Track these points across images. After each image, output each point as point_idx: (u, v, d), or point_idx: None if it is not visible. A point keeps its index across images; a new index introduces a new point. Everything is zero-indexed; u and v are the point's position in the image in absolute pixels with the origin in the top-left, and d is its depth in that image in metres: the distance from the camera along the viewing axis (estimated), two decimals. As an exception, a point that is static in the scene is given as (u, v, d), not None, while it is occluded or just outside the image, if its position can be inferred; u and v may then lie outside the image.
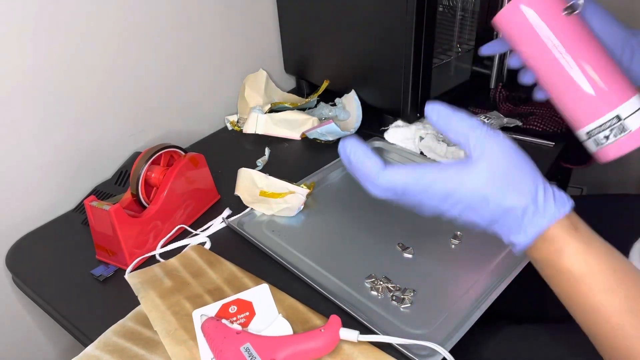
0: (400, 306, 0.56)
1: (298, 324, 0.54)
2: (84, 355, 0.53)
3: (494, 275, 0.59)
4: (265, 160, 0.86)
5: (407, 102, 0.84)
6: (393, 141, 0.86)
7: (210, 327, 0.51)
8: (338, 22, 0.88)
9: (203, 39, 0.91)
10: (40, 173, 0.75)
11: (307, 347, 0.49)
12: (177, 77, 0.89)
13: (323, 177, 0.80)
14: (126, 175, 0.81)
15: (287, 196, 0.72)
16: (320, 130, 0.88)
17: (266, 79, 1.00)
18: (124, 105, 0.82)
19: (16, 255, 0.72)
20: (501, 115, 0.88)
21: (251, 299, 0.56)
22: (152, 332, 0.55)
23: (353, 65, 0.91)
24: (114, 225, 0.61)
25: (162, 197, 0.67)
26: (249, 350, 0.48)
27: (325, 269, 0.62)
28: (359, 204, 0.73)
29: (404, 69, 0.80)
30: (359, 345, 0.51)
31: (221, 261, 0.64)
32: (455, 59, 0.99)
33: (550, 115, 0.86)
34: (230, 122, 0.97)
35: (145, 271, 0.63)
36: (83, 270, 0.66)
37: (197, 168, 0.72)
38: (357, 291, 0.59)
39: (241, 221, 0.71)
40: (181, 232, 0.71)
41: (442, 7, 1.00)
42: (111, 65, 0.78)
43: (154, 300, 0.58)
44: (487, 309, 0.55)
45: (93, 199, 0.63)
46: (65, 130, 0.75)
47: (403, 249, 0.64)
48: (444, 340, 0.51)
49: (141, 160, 0.66)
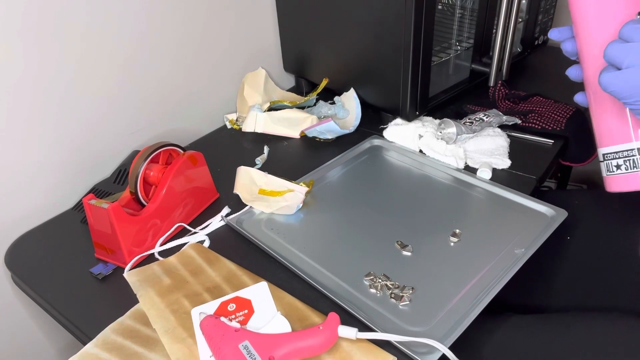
0: (399, 304, 0.56)
1: (297, 322, 0.54)
2: (82, 353, 0.53)
3: (493, 272, 0.59)
4: (264, 158, 0.86)
5: (406, 100, 0.84)
6: (392, 139, 0.86)
7: (209, 324, 0.51)
8: (337, 20, 0.88)
9: (202, 38, 0.91)
10: (40, 171, 0.75)
11: (306, 345, 0.49)
12: (177, 75, 0.89)
13: (322, 175, 0.80)
14: (125, 174, 0.81)
15: (286, 194, 0.72)
16: (319, 129, 0.88)
17: (265, 77, 1.00)
18: (123, 103, 0.82)
19: (15, 254, 0.72)
20: (500, 113, 0.88)
21: (250, 296, 0.56)
22: (150, 330, 0.55)
23: (352, 64, 0.91)
24: (113, 223, 0.61)
25: (161, 195, 0.67)
26: (248, 348, 0.48)
27: (324, 267, 0.62)
28: (357, 202, 0.73)
29: (403, 67, 0.80)
30: (357, 342, 0.51)
31: (220, 259, 0.64)
32: (454, 57, 0.99)
33: (549, 114, 0.86)
34: (230, 120, 0.97)
35: (144, 269, 0.63)
36: (82, 268, 0.66)
37: (196, 166, 0.72)
38: (355, 289, 0.59)
39: (240, 219, 0.71)
40: (180, 231, 0.71)
41: (441, 5, 1.00)
42: (111, 65, 0.78)
43: (152, 299, 0.58)
44: (491, 302, 0.55)
45: (92, 197, 0.63)
46: (64, 129, 0.75)
47: (402, 246, 0.64)
48: (443, 337, 0.51)
49: (140, 158, 0.66)
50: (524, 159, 0.79)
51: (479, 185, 0.75)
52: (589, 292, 0.67)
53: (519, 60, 1.08)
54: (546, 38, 1.13)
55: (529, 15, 1.05)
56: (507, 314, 0.61)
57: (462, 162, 0.79)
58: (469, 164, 0.80)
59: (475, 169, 0.78)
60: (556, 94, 0.91)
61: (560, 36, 0.55)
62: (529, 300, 0.70)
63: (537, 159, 0.80)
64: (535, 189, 0.74)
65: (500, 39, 0.85)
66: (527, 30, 1.07)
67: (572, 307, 0.66)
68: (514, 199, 0.71)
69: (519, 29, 1.07)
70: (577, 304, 0.66)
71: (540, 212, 0.68)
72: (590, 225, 0.72)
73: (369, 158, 0.84)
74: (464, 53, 0.99)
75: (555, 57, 0.58)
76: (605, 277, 0.67)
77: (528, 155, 0.80)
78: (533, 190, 0.74)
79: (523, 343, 0.56)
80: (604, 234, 0.70)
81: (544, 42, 1.13)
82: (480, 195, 0.73)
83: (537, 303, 0.69)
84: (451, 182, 0.77)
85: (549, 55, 1.13)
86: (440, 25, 1.00)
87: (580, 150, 0.85)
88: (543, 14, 1.07)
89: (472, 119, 0.84)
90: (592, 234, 0.71)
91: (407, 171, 0.80)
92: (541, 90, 0.95)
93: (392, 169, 0.81)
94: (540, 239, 0.63)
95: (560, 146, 0.82)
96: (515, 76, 1.01)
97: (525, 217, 0.68)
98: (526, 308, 0.69)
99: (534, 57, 1.12)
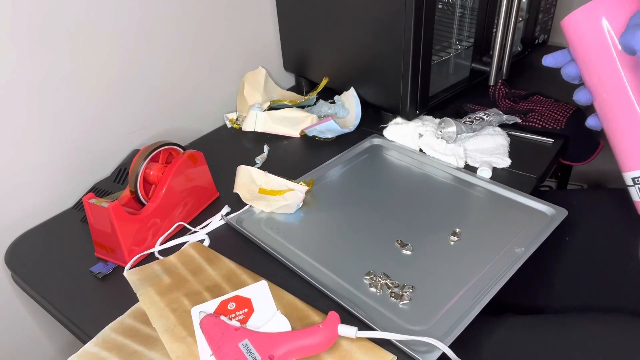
0: (398, 302, 0.56)
1: (296, 321, 0.54)
2: (82, 352, 0.53)
3: (493, 271, 0.59)
4: (264, 157, 0.86)
5: (406, 99, 0.84)
6: (392, 138, 0.86)
7: (209, 323, 0.51)
8: (337, 19, 0.88)
9: (202, 37, 0.91)
10: (40, 171, 0.75)
11: (306, 344, 0.49)
12: (176, 74, 0.89)
13: (322, 174, 0.80)
14: (125, 173, 0.81)
15: (286, 193, 0.72)
16: (319, 128, 0.88)
17: (265, 76, 1.00)
18: (123, 102, 0.82)
19: (15, 253, 0.72)
20: (500, 112, 0.88)
21: (250, 295, 0.56)
22: (150, 329, 0.55)
23: (352, 63, 0.91)
24: (113, 222, 0.61)
25: (161, 194, 0.67)
26: (248, 347, 0.48)
27: (324, 266, 0.62)
28: (357, 201, 0.73)
29: (403, 66, 0.80)
30: (357, 341, 0.51)
31: (220, 258, 0.64)
32: (454, 56, 0.99)
33: (549, 113, 0.86)
34: (230, 119, 0.97)
35: (144, 268, 0.63)
36: (82, 267, 0.66)
37: (196, 165, 0.72)
38: (355, 288, 0.59)
39: (240, 218, 0.71)
40: (180, 230, 0.71)
41: (441, 4, 1.00)
42: (110, 64, 0.78)
43: (152, 297, 0.58)
44: (490, 301, 0.55)
45: (92, 197, 0.63)
46: (64, 128, 0.76)
47: (402, 245, 0.64)
48: (443, 336, 0.51)
49: (140, 157, 0.66)
50: (524, 158, 0.79)
51: (479, 185, 0.75)
52: (588, 291, 0.67)
53: (519, 60, 1.08)
54: (546, 37, 1.13)
55: (529, 14, 1.05)
56: (507, 314, 0.61)
57: (462, 161, 0.79)
58: (469, 163, 0.80)
59: (476, 168, 0.78)
60: (556, 93, 0.91)
61: (556, 62, 0.53)
62: (528, 300, 0.70)
63: (537, 158, 0.80)
64: (535, 188, 0.74)
65: (500, 38, 0.85)
66: (527, 29, 1.07)
67: (572, 306, 0.66)
68: (514, 198, 0.71)
69: (519, 28, 1.07)
70: (576, 304, 0.67)
71: (541, 211, 0.68)
72: (590, 225, 0.72)
73: (369, 157, 0.84)
74: (464, 52, 0.99)
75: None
76: (605, 277, 0.67)
77: (528, 155, 0.80)
78: (533, 189, 0.74)
79: (523, 343, 0.56)
80: (604, 234, 0.70)
81: (544, 41, 1.13)
82: (480, 194, 0.73)
83: (537, 302, 0.69)
84: (451, 181, 0.77)
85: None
86: (441, 24, 1.00)
87: (580, 149, 0.85)
88: (543, 13, 1.07)
89: (472, 118, 0.84)
90: (592, 233, 0.71)
91: (407, 170, 0.80)
92: (541, 89, 0.95)
93: (392, 168, 0.81)
94: (540, 238, 0.63)
95: (561, 145, 0.82)
96: (515, 75, 1.01)
97: (525, 216, 0.68)
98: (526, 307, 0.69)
99: (534, 56, 1.12)
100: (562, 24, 0.49)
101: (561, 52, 0.52)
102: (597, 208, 0.73)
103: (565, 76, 0.52)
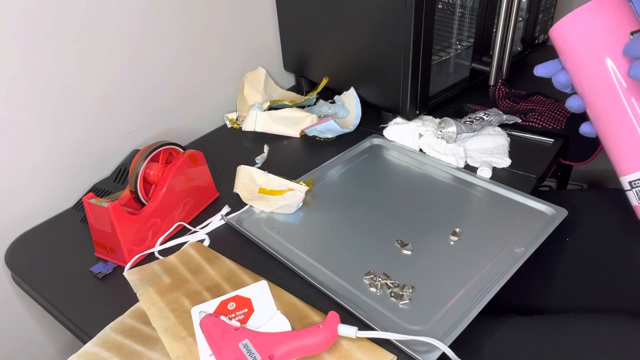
0: (398, 302, 0.56)
1: (296, 321, 0.54)
2: (82, 352, 0.53)
3: (493, 271, 0.59)
4: (264, 157, 0.86)
5: (406, 99, 0.84)
6: (392, 138, 0.86)
7: (209, 323, 0.51)
8: (337, 19, 0.88)
9: (202, 37, 0.91)
10: (39, 171, 0.75)
11: (306, 343, 0.49)
12: (177, 74, 0.89)
13: (322, 174, 0.80)
14: (125, 173, 0.81)
15: (286, 193, 0.72)
16: (320, 128, 0.88)
17: (265, 76, 1.00)
18: (123, 102, 0.82)
19: (15, 253, 0.72)
20: (500, 112, 0.88)
21: (250, 295, 0.56)
22: (150, 328, 0.55)
23: (352, 63, 0.91)
24: (113, 222, 0.61)
25: (161, 194, 0.67)
26: (248, 347, 0.48)
27: (324, 266, 0.62)
28: (357, 201, 0.73)
29: (403, 66, 0.80)
30: (357, 341, 0.51)
31: (220, 258, 0.64)
32: (454, 56, 0.99)
33: (549, 113, 0.86)
34: (230, 119, 0.97)
35: (144, 268, 0.63)
36: (82, 267, 0.66)
37: (196, 165, 0.72)
38: (355, 288, 0.59)
39: (240, 218, 0.71)
40: (180, 230, 0.71)
41: (441, 4, 1.00)
42: (110, 64, 0.78)
43: (152, 297, 0.58)
44: (490, 301, 0.55)
45: (92, 197, 0.63)
46: (64, 128, 0.76)
47: (402, 245, 0.64)
48: (443, 336, 0.51)
49: (140, 157, 0.66)
50: (524, 158, 0.79)
51: (479, 184, 0.75)
52: (588, 291, 0.67)
53: (519, 59, 1.08)
54: (546, 37, 1.13)
55: (529, 14, 1.05)
56: (507, 314, 0.61)
57: (462, 161, 0.79)
58: (469, 163, 0.80)
59: (476, 167, 0.78)
60: (556, 93, 0.91)
61: (547, 72, 0.53)
62: (528, 300, 0.70)
63: (538, 158, 0.80)
64: (535, 188, 0.74)
65: (500, 38, 0.85)
66: (527, 29, 1.07)
67: (572, 307, 0.66)
68: (514, 197, 0.71)
69: (519, 28, 1.07)
70: (576, 304, 0.66)
71: (541, 211, 0.68)
72: (590, 225, 0.72)
73: (369, 157, 0.84)
74: (464, 52, 0.99)
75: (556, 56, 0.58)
76: (605, 277, 0.67)
77: (528, 154, 0.80)
78: (533, 189, 0.74)
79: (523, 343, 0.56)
80: (604, 234, 0.70)
81: (544, 41, 1.13)
82: (481, 194, 0.73)
83: (537, 302, 0.69)
84: (451, 181, 0.77)
85: (549, 55, 1.11)
86: (441, 24, 0.99)
87: (580, 149, 0.85)
88: (543, 13, 1.07)
89: (472, 118, 0.84)
90: (592, 233, 0.71)
91: (407, 170, 0.80)
92: (541, 89, 0.95)
93: (392, 168, 0.81)
94: (540, 237, 0.63)
95: (561, 145, 0.82)
96: (515, 75, 1.01)
97: (525, 216, 0.68)
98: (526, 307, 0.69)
99: (534, 56, 1.12)
100: (550, 34, 0.49)
101: (552, 62, 0.53)
102: (597, 208, 0.73)
103: (557, 84, 0.52)
